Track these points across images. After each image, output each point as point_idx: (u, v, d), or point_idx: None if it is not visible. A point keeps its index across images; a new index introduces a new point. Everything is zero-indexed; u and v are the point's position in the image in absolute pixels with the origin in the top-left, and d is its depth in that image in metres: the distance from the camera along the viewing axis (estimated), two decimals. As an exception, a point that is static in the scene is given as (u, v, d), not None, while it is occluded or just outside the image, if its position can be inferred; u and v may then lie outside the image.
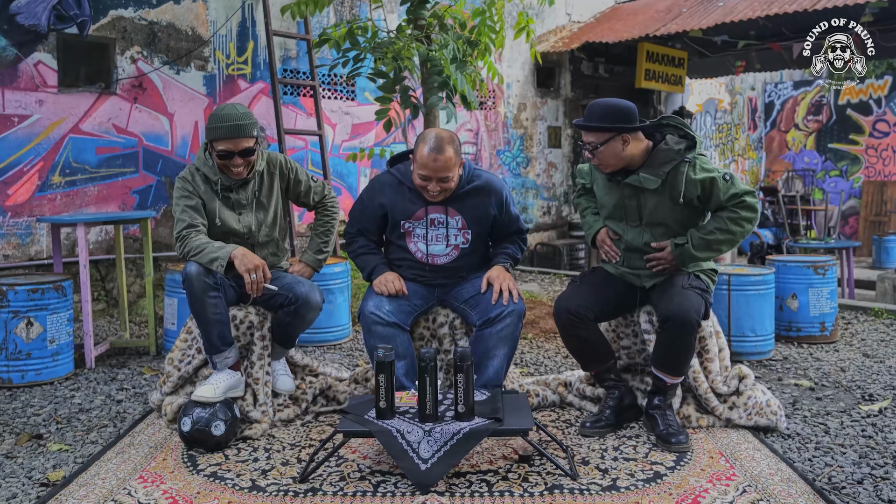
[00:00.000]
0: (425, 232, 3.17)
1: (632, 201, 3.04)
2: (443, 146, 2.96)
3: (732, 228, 2.92)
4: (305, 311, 3.16)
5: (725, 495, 2.45)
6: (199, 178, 3.17)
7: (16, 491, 2.57)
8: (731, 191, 2.92)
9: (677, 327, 2.86)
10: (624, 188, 3.03)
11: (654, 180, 2.93)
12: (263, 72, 6.80)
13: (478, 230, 3.20)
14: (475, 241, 3.20)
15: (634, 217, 3.07)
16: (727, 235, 2.93)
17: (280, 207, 3.34)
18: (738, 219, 2.92)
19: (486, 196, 3.17)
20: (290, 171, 3.35)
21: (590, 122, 2.93)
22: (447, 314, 3.26)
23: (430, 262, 3.19)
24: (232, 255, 2.98)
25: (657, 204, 3.00)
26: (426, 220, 3.15)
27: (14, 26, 5.41)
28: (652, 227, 3.05)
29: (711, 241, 2.95)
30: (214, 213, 3.17)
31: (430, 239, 3.16)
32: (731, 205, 2.92)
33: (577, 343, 3.11)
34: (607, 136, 2.91)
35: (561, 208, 9.94)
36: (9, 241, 5.45)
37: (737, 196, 2.91)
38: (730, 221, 2.92)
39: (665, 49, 9.90)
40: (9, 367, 3.84)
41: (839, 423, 3.20)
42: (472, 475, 2.61)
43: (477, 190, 3.17)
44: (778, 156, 13.47)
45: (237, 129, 3.03)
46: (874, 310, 5.63)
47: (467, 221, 3.16)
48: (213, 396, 2.91)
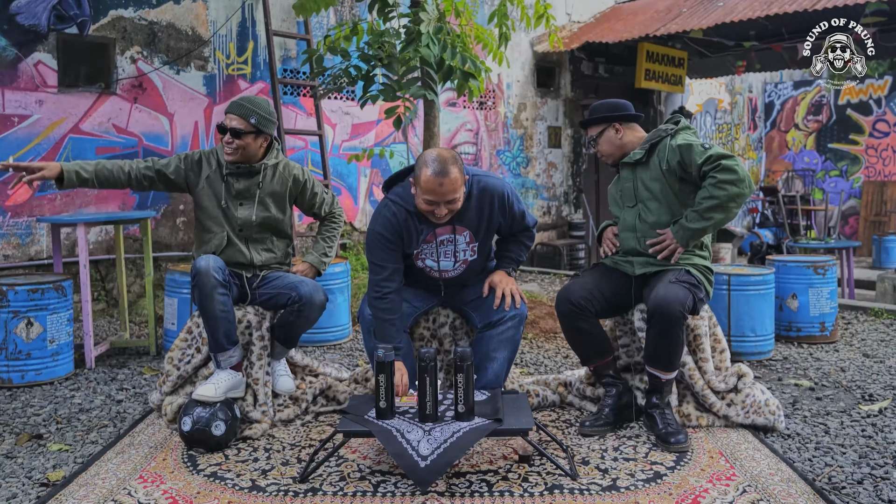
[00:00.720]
0: (434, 251, 3.08)
1: (628, 183, 3.22)
2: (447, 168, 2.80)
3: (715, 193, 2.95)
4: (309, 310, 3.17)
5: (725, 495, 2.45)
6: (213, 157, 3.29)
7: (16, 491, 2.57)
8: (708, 153, 2.99)
9: (662, 320, 2.88)
10: (623, 170, 3.25)
11: (639, 151, 3.16)
12: (263, 72, 6.80)
13: (485, 237, 3.14)
14: (482, 248, 3.16)
15: (630, 197, 3.21)
16: (713, 201, 2.96)
17: (284, 213, 3.35)
18: (718, 182, 2.94)
19: (490, 203, 3.05)
20: (307, 181, 3.40)
21: (587, 118, 3.29)
22: (448, 314, 3.26)
23: (440, 276, 3.15)
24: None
25: (648, 178, 3.14)
26: (436, 242, 3.06)
27: (14, 26, 5.41)
28: (645, 202, 3.15)
29: (701, 211, 2.99)
30: (220, 195, 3.23)
31: (440, 256, 3.09)
32: (710, 170, 2.98)
33: (578, 335, 3.14)
34: (601, 127, 3.24)
35: (561, 208, 9.94)
36: (9, 241, 5.45)
37: (712, 159, 2.97)
38: (711, 187, 2.96)
39: (665, 49, 9.90)
40: (9, 367, 3.84)
41: (839, 423, 3.20)
42: (472, 475, 2.61)
43: (480, 199, 3.04)
44: (778, 156, 13.47)
45: (236, 107, 3.16)
46: (874, 310, 5.63)
47: (475, 234, 3.08)
48: (213, 396, 2.91)
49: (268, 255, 3.33)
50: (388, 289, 2.99)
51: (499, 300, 3.10)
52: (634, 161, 3.17)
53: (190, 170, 3.26)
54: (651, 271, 3.11)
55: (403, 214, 2.99)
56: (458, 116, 8.57)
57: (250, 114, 3.14)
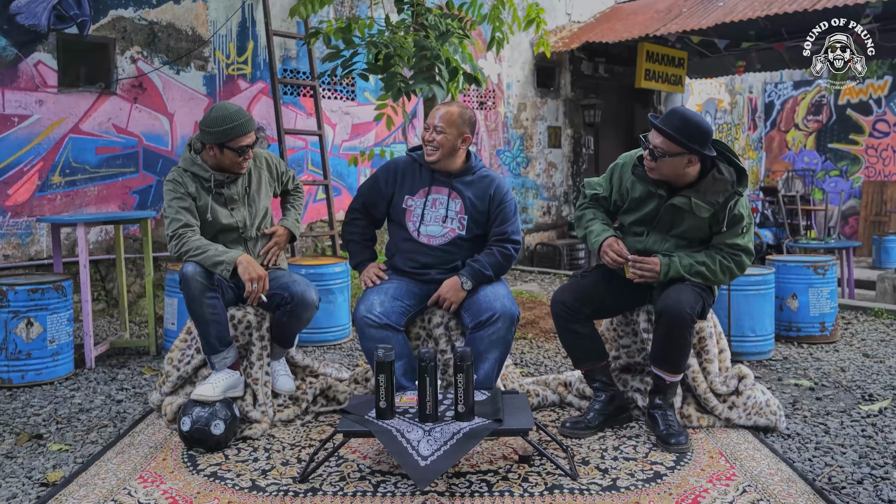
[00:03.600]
0: (423, 211, 3.23)
1: (668, 216, 3.02)
2: (452, 106, 3.18)
3: (717, 271, 2.98)
4: (302, 309, 3.16)
5: (725, 495, 2.45)
6: (189, 177, 3.18)
7: (16, 491, 2.57)
8: (738, 240, 2.97)
9: (670, 322, 2.87)
10: (666, 204, 2.97)
11: (707, 209, 2.91)
12: (263, 72, 6.80)
13: (475, 216, 3.23)
14: (471, 229, 3.23)
15: (664, 228, 3.06)
16: (710, 274, 2.98)
17: (269, 202, 3.39)
18: (727, 267, 2.99)
19: (488, 185, 3.27)
20: (279, 164, 3.46)
21: (670, 131, 2.81)
22: (443, 314, 3.26)
23: (427, 243, 3.22)
24: (237, 260, 3.01)
25: (695, 226, 3.01)
26: (427, 199, 3.22)
27: (14, 26, 5.41)
28: (677, 238, 3.05)
29: (696, 271, 2.98)
30: (206, 208, 3.19)
31: (427, 219, 3.22)
32: (728, 253, 2.98)
33: (570, 337, 3.12)
34: (679, 150, 2.83)
35: (561, 208, 9.94)
36: (9, 241, 5.45)
37: (738, 247, 2.98)
38: (720, 265, 2.98)
39: (665, 49, 9.90)
40: (9, 367, 3.84)
41: (839, 423, 3.20)
42: (472, 475, 2.61)
43: (481, 178, 3.27)
44: (778, 156, 13.47)
45: (250, 123, 3.14)
46: (874, 310, 5.63)
47: (466, 206, 3.22)
48: (212, 395, 2.91)
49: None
50: (354, 215, 3.38)
51: (432, 301, 3.21)
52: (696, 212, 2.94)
53: (188, 195, 3.18)
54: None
55: (410, 161, 3.31)
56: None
57: (255, 124, 3.19)
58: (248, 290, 3.00)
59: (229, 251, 3.06)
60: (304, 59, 7.08)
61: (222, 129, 3.06)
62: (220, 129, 3.06)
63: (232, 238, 3.24)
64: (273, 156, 3.46)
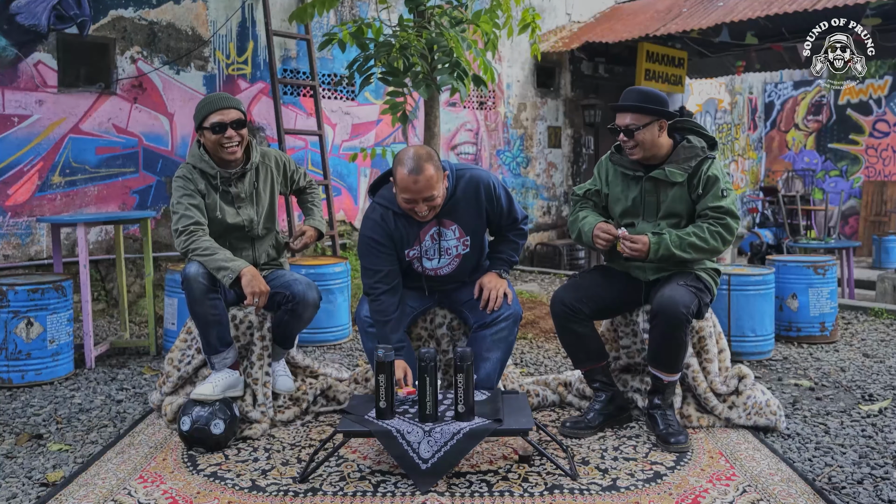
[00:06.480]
0: (427, 251, 3.08)
1: (652, 196, 3.08)
2: (421, 165, 2.79)
3: (708, 239, 2.97)
4: (302, 309, 3.16)
5: (725, 495, 2.45)
6: (198, 174, 3.18)
7: (16, 491, 2.57)
8: (721, 202, 2.98)
9: (665, 321, 2.87)
10: (646, 183, 3.07)
11: (680, 173, 3.01)
12: (263, 72, 6.80)
13: (475, 230, 3.12)
14: (475, 242, 3.15)
15: (652, 212, 3.09)
16: (702, 243, 2.97)
17: (275, 202, 3.38)
18: (715, 232, 2.98)
19: (476, 193, 3.04)
20: (288, 162, 3.44)
21: (634, 103, 3.00)
22: (445, 315, 3.26)
23: (434, 274, 3.14)
24: (242, 272, 2.98)
25: (677, 197, 3.05)
26: (423, 243, 3.06)
27: (14, 26, 5.41)
28: (666, 219, 3.07)
29: (687, 243, 2.97)
30: (215, 206, 3.19)
31: (432, 255, 3.09)
32: (714, 218, 2.99)
33: (570, 337, 3.12)
34: (648, 119, 2.99)
35: (561, 208, 9.94)
36: (9, 241, 5.45)
37: (722, 210, 2.98)
38: (708, 231, 2.98)
39: (665, 49, 9.89)
40: (9, 367, 3.84)
41: (839, 423, 3.20)
42: (472, 475, 2.61)
43: (465, 191, 3.02)
44: (778, 156, 13.47)
45: (224, 100, 3.13)
46: (874, 310, 5.63)
47: (464, 228, 3.07)
48: (211, 395, 2.91)
49: (273, 251, 3.36)
50: (379, 290, 3.01)
51: (484, 302, 3.08)
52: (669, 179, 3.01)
53: (197, 192, 3.18)
54: (664, 276, 3.09)
55: (391, 216, 3.01)
56: (458, 116, 8.57)
57: (236, 102, 3.16)
58: (249, 302, 2.98)
59: (236, 259, 3.04)
60: (305, 59, 7.08)
61: (198, 109, 3.14)
62: (197, 111, 3.14)
63: (238, 236, 3.24)
64: (282, 153, 3.44)
